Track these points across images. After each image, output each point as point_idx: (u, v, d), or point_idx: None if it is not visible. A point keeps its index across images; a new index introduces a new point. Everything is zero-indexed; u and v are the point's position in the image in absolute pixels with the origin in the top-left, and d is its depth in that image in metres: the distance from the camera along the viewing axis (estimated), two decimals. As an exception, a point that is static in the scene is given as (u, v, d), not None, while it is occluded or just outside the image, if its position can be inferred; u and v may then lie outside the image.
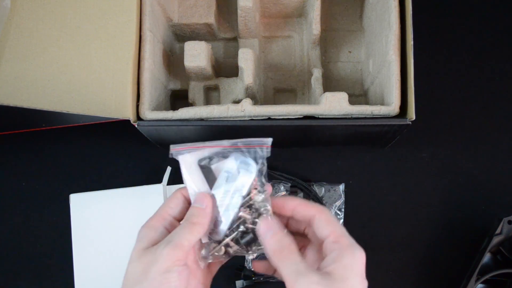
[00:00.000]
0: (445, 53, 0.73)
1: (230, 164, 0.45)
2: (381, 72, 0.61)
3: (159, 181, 0.68)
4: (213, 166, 0.46)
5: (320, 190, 0.70)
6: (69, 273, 0.67)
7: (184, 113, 0.58)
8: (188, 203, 0.44)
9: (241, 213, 0.44)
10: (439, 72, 0.73)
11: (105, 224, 0.66)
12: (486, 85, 0.73)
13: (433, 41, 0.73)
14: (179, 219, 0.44)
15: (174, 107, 0.68)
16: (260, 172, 0.44)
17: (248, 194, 0.44)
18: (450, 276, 0.68)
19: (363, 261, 0.39)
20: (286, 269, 0.38)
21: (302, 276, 0.37)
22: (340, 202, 0.69)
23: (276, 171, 0.70)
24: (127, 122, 0.57)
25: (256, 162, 0.45)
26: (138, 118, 0.58)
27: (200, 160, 0.46)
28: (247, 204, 0.44)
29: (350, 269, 0.38)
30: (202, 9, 0.67)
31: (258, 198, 0.44)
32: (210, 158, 0.46)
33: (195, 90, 0.67)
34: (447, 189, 0.70)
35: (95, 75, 0.56)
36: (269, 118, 0.58)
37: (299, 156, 0.71)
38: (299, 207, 0.42)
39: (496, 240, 0.63)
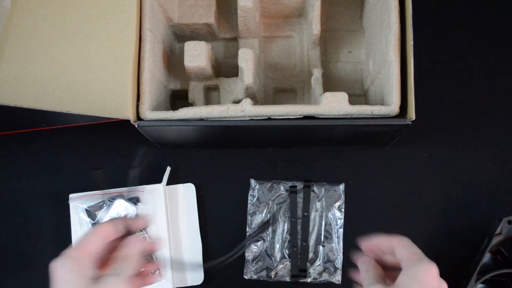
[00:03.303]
0: (445, 53, 0.73)
1: (114, 209, 0.65)
2: (381, 72, 0.61)
3: (159, 181, 0.69)
4: (100, 212, 0.66)
5: (320, 190, 0.70)
6: (69, 273, 0.67)
7: (184, 113, 0.58)
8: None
9: None
10: (439, 72, 0.73)
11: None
12: (486, 85, 0.73)
13: (433, 41, 0.73)
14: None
15: (174, 107, 0.68)
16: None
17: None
18: (450, 276, 0.68)
19: (431, 273, 0.45)
20: (364, 282, 0.48)
21: (372, 285, 0.47)
22: (340, 202, 0.69)
23: (276, 171, 0.70)
24: (127, 122, 0.57)
25: (135, 204, 0.66)
26: (138, 118, 0.58)
27: (90, 206, 0.66)
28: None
29: (414, 278, 0.44)
30: (202, 9, 0.67)
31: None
32: (100, 204, 0.66)
33: (195, 90, 0.67)
34: (447, 189, 0.70)
35: (95, 75, 0.56)
36: (269, 118, 0.58)
37: (299, 156, 0.71)
38: (381, 242, 0.51)
39: (496, 240, 0.63)
